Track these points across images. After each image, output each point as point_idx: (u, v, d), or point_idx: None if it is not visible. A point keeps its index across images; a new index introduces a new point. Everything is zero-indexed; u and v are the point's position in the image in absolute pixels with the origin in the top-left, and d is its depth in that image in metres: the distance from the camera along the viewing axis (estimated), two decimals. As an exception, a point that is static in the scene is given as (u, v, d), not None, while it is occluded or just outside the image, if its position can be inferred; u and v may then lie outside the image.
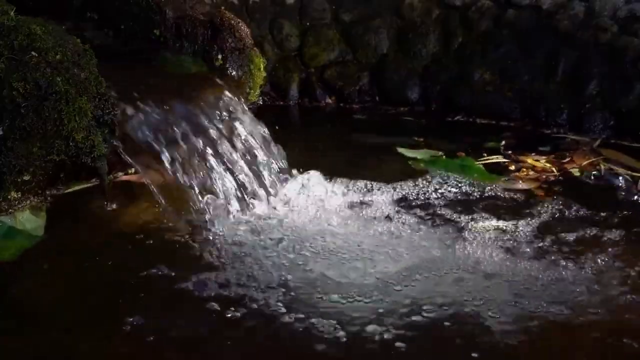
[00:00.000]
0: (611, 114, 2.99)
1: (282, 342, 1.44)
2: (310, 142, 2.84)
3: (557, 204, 2.16)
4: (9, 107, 1.70)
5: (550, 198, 2.22)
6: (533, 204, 2.19)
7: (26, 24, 1.78)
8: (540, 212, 2.11)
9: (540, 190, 2.32)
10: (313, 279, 1.68)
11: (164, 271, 1.69)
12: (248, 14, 3.59)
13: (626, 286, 1.67)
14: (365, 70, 3.57)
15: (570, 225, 2.02)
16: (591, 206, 2.14)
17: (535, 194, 2.28)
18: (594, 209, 2.12)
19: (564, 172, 2.51)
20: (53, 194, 2.02)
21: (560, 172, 2.50)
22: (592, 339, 1.48)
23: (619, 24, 3.09)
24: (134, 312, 1.51)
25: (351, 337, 1.44)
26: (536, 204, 2.18)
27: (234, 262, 1.75)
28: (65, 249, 1.83)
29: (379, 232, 1.95)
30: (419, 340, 1.44)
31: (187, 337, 1.45)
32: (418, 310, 1.54)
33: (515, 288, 1.66)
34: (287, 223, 1.99)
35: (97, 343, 1.42)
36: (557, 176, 2.47)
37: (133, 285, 1.64)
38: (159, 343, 1.43)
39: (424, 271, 1.73)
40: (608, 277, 1.71)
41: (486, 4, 3.43)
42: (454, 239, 1.92)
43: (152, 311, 1.53)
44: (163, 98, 2.07)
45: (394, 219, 2.04)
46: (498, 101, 3.25)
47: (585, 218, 2.08)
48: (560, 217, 2.08)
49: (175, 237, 1.87)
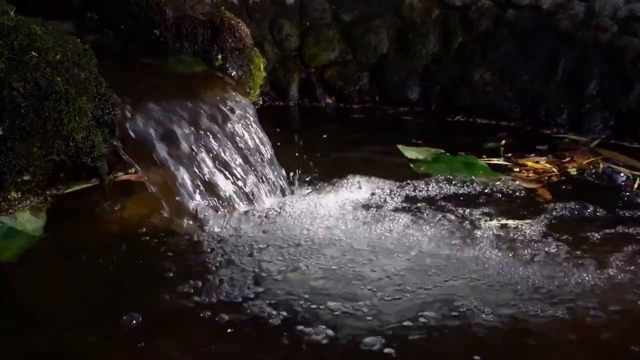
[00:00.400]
0: (611, 114, 2.99)
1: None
2: (310, 143, 2.84)
3: (566, 203, 2.15)
4: (9, 107, 1.70)
5: (560, 197, 2.21)
6: (540, 202, 2.18)
7: (26, 24, 1.79)
8: (549, 210, 2.11)
9: (544, 189, 2.32)
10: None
11: (165, 271, 1.69)
12: (248, 14, 3.59)
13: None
14: (365, 70, 3.57)
15: (585, 224, 2.02)
16: (601, 205, 2.13)
17: (540, 193, 2.27)
18: (603, 208, 2.12)
19: (564, 171, 2.50)
20: (53, 194, 2.02)
21: (561, 172, 2.50)
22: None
23: (619, 24, 3.09)
24: (134, 313, 1.50)
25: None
26: (545, 203, 2.17)
27: (236, 262, 1.75)
28: (65, 249, 1.82)
29: (383, 231, 1.95)
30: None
31: (187, 337, 1.45)
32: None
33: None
34: (285, 226, 1.98)
35: (97, 343, 1.42)
36: (559, 176, 2.46)
37: (133, 285, 1.64)
38: (159, 343, 1.43)
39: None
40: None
41: (486, 4, 3.43)
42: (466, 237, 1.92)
43: (153, 311, 1.53)
44: (163, 98, 2.07)
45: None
46: (498, 101, 3.25)
47: (599, 218, 2.07)
48: (573, 216, 2.08)
49: (175, 237, 1.87)
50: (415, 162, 2.57)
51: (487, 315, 1.53)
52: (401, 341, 1.43)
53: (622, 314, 1.56)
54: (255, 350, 1.41)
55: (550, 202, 2.19)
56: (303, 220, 2.01)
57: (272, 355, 1.40)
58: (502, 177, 2.42)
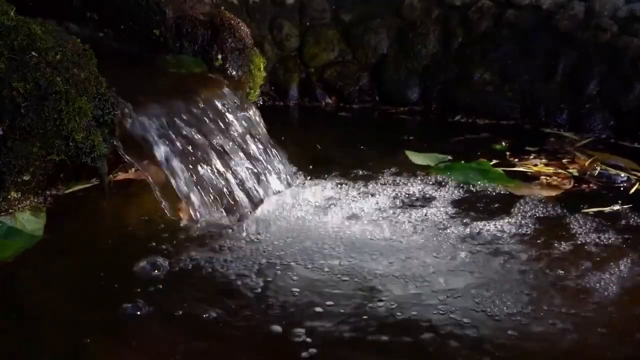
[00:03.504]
0: (611, 114, 3.00)
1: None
2: (310, 142, 2.84)
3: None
4: (9, 107, 1.70)
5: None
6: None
7: (26, 24, 1.78)
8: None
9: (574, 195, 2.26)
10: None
11: (165, 271, 1.69)
12: (248, 14, 3.59)
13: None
14: (365, 70, 3.58)
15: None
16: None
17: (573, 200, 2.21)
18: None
19: (576, 174, 2.47)
20: (53, 194, 2.02)
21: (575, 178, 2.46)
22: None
23: (619, 24, 3.09)
24: (135, 313, 1.50)
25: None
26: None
27: (238, 260, 1.75)
28: (65, 249, 1.82)
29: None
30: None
31: (189, 338, 1.45)
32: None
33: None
34: (285, 228, 1.97)
35: (97, 343, 1.42)
36: (573, 179, 2.42)
37: (134, 286, 1.64)
38: (160, 343, 1.43)
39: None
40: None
41: (486, 4, 3.43)
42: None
43: (153, 311, 1.53)
44: (163, 98, 2.07)
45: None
46: (498, 101, 3.25)
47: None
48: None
49: (176, 237, 1.87)
50: (425, 168, 2.46)
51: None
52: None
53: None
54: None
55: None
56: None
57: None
58: (524, 185, 2.32)
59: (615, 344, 1.46)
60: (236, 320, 1.50)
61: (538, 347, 1.43)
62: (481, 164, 2.50)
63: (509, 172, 2.47)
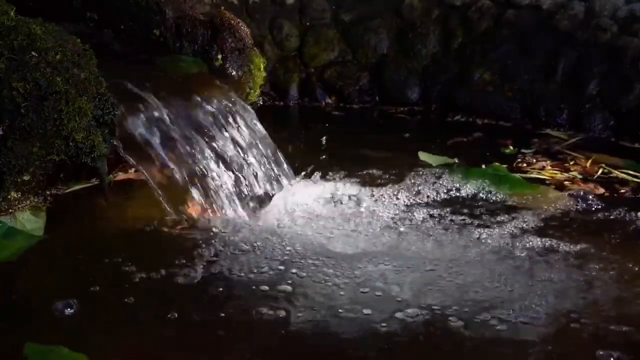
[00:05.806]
0: (611, 114, 3.00)
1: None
2: (310, 142, 2.84)
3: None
4: (9, 107, 1.70)
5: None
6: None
7: (26, 24, 1.78)
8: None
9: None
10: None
11: (166, 271, 1.69)
12: (248, 14, 3.59)
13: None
14: (365, 70, 3.58)
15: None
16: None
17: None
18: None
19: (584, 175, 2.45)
20: (53, 194, 2.02)
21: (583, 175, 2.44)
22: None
23: (619, 24, 3.09)
24: (135, 313, 1.51)
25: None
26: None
27: (239, 258, 1.75)
28: (65, 249, 1.82)
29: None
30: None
31: (189, 338, 1.45)
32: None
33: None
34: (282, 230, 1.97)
35: (98, 343, 1.42)
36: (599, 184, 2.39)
37: (134, 286, 1.64)
38: (160, 343, 1.43)
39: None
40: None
41: (486, 4, 3.43)
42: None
43: (154, 311, 1.53)
44: (163, 98, 2.07)
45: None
46: (498, 101, 3.25)
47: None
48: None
49: (176, 237, 1.87)
50: (438, 172, 2.36)
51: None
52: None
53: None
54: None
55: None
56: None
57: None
58: (547, 191, 2.26)
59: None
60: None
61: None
62: (497, 169, 2.39)
63: (526, 178, 2.39)
